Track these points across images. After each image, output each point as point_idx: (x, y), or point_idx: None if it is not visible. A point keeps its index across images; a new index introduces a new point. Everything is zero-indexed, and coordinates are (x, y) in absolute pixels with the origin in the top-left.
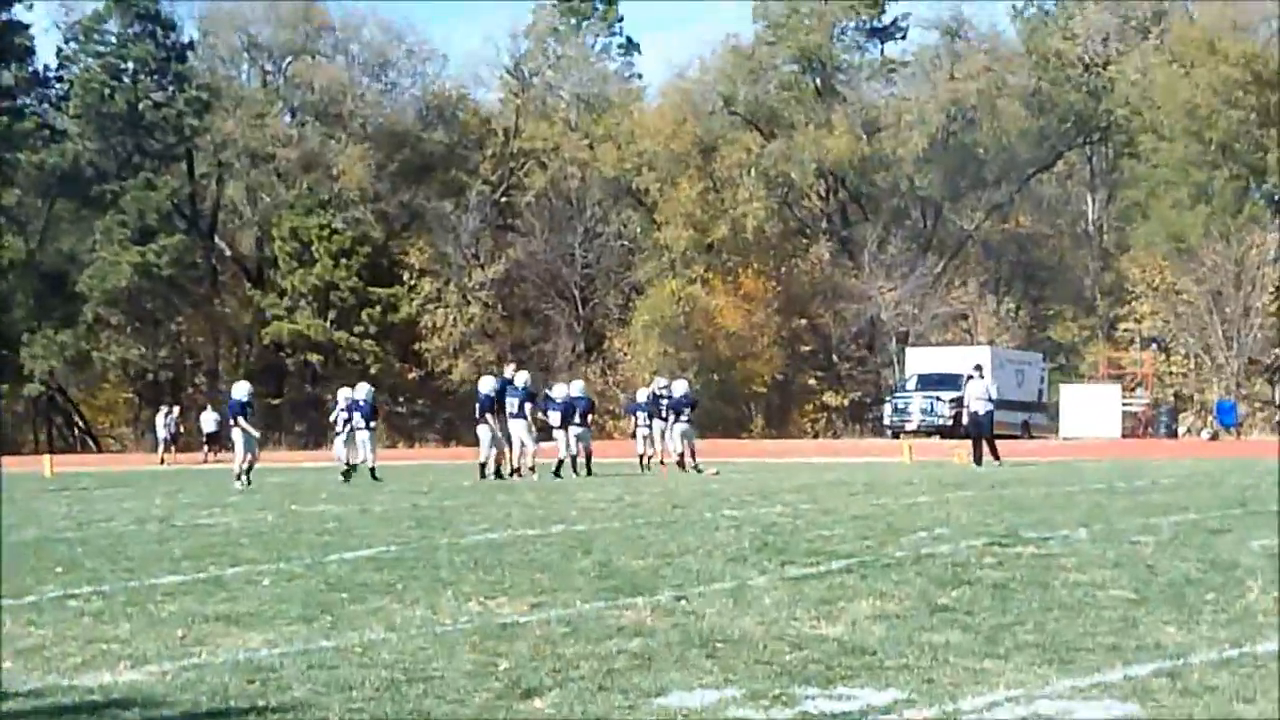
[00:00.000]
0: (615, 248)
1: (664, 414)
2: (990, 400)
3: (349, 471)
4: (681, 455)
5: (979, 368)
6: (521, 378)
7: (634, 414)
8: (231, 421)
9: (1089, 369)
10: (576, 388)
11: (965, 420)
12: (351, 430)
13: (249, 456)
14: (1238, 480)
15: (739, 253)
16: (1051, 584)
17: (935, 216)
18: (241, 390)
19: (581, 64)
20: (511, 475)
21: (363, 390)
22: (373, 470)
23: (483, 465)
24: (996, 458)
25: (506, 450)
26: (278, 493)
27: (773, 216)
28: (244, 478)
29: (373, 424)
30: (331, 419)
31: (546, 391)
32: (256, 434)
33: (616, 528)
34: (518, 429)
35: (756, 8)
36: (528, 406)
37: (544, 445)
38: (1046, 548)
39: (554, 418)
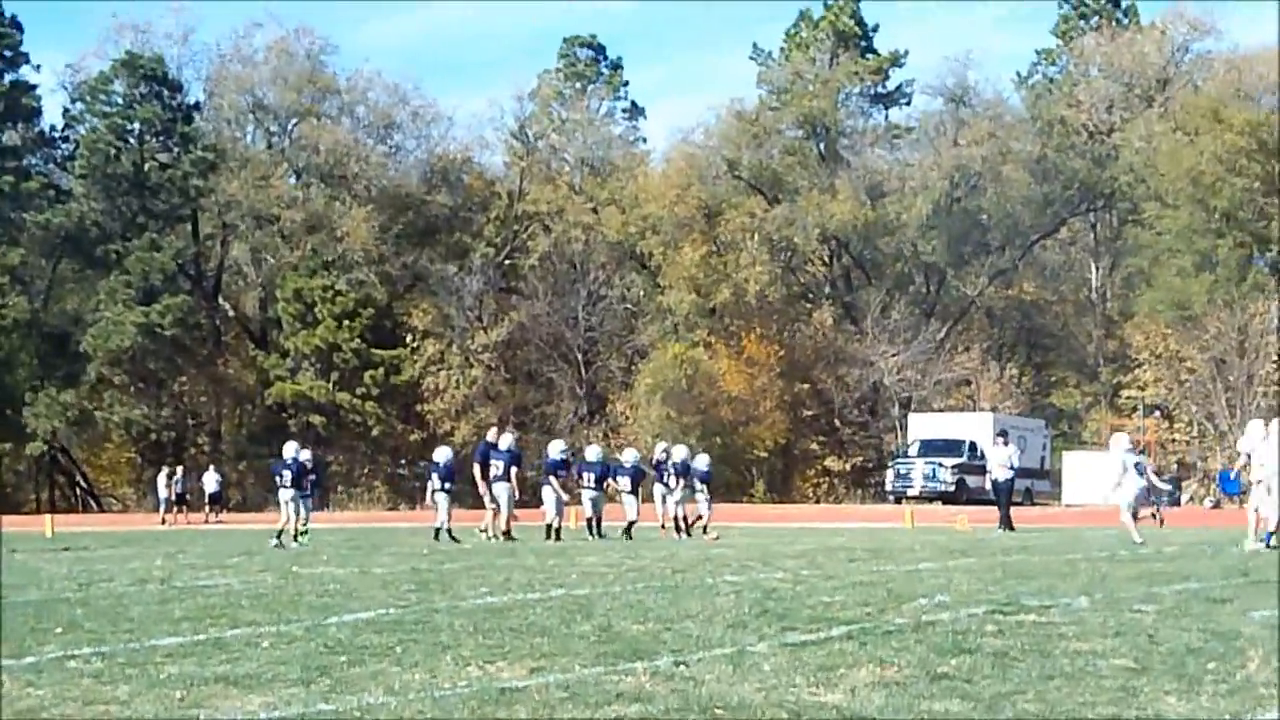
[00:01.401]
0: (618, 311)
1: (668, 479)
2: (1012, 468)
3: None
4: (690, 520)
5: (1004, 433)
6: (506, 440)
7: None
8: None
9: (1092, 436)
10: (593, 452)
11: (989, 486)
12: (432, 492)
13: (294, 518)
14: (1240, 549)
15: (742, 317)
16: (1052, 653)
17: (939, 282)
18: (302, 453)
19: (586, 128)
20: (490, 536)
21: (443, 454)
22: (450, 531)
23: (548, 527)
24: (1010, 527)
25: (491, 511)
26: (279, 554)
27: (776, 281)
28: (295, 538)
29: (449, 486)
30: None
31: (588, 457)
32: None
33: (617, 592)
34: (501, 492)
35: (761, 73)
36: (513, 470)
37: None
38: (1048, 616)
39: (623, 483)
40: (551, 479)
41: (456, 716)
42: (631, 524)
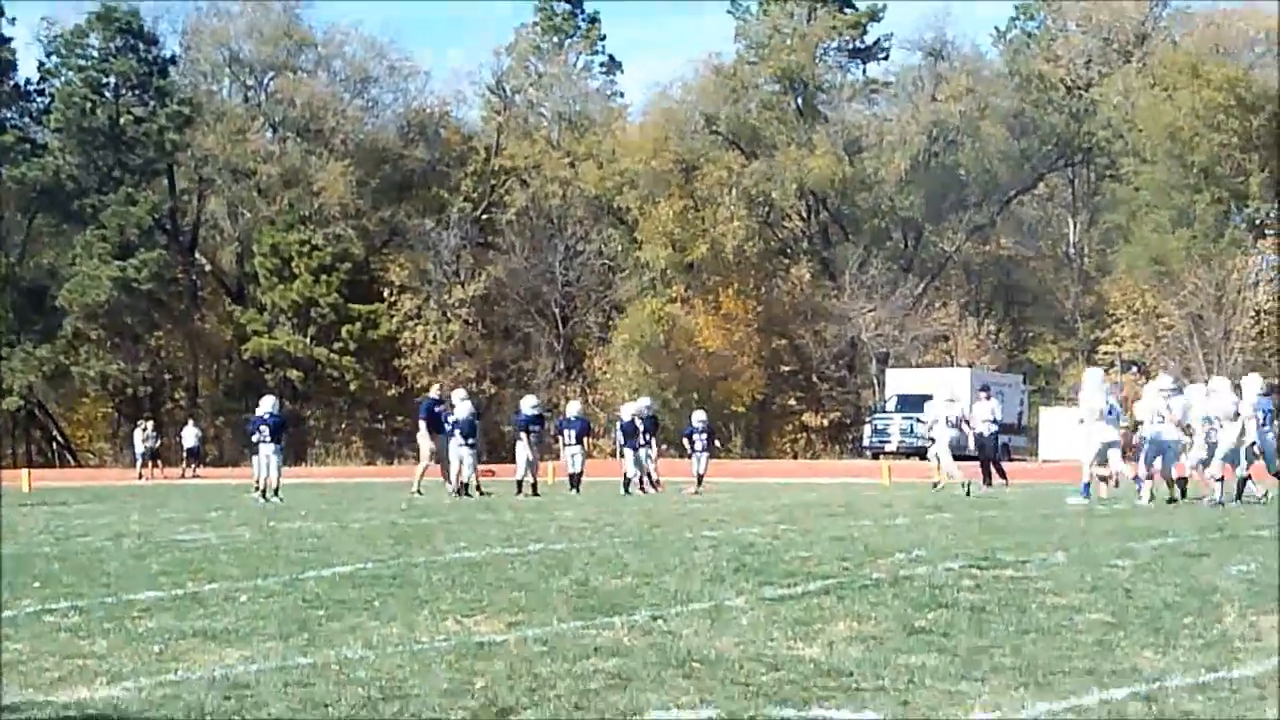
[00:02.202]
0: (596, 266)
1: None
2: (996, 422)
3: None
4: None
5: (986, 388)
6: (465, 409)
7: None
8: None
9: (1069, 392)
10: (573, 408)
11: (971, 443)
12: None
13: (273, 473)
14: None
15: (719, 272)
16: (1029, 607)
17: (916, 238)
18: (267, 405)
19: (564, 82)
20: (459, 493)
21: (463, 408)
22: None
23: (518, 483)
24: (1004, 478)
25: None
26: (257, 509)
27: (753, 236)
28: (275, 493)
29: (472, 440)
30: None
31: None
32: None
33: (594, 547)
34: (465, 452)
35: (738, 27)
36: (469, 439)
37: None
38: (1024, 571)
39: (569, 436)
40: (523, 434)
41: (434, 670)
42: (628, 480)
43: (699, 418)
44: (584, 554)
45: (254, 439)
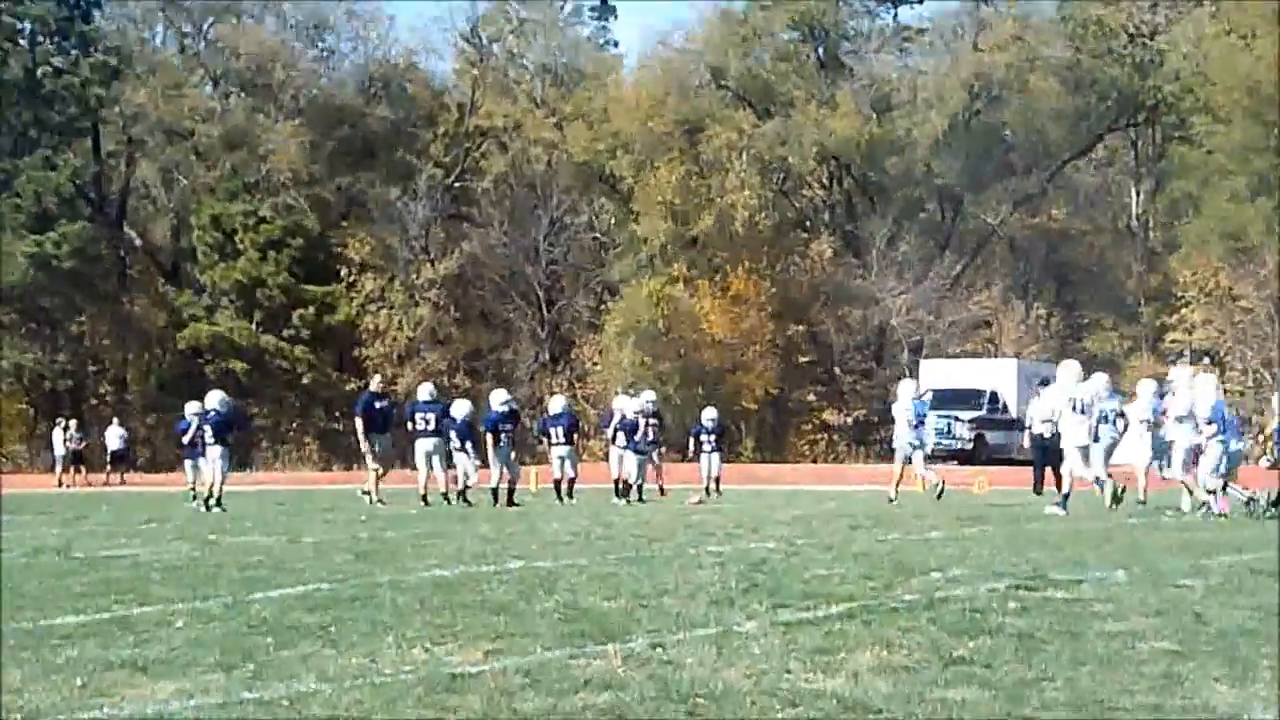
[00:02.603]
0: (585, 242)
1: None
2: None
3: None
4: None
5: (1045, 382)
6: (216, 398)
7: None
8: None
9: (1131, 386)
10: (557, 404)
11: (1027, 443)
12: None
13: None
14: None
15: (727, 249)
16: (1084, 634)
17: (955, 209)
18: (214, 400)
19: (549, 30)
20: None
21: (461, 408)
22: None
23: (494, 490)
24: (1057, 487)
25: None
26: (196, 520)
27: (767, 207)
28: (219, 502)
29: (467, 444)
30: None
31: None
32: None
33: (584, 564)
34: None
35: None
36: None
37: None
38: (1078, 592)
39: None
40: (491, 436)
41: (400, 706)
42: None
43: (709, 415)
44: (572, 572)
45: (187, 440)
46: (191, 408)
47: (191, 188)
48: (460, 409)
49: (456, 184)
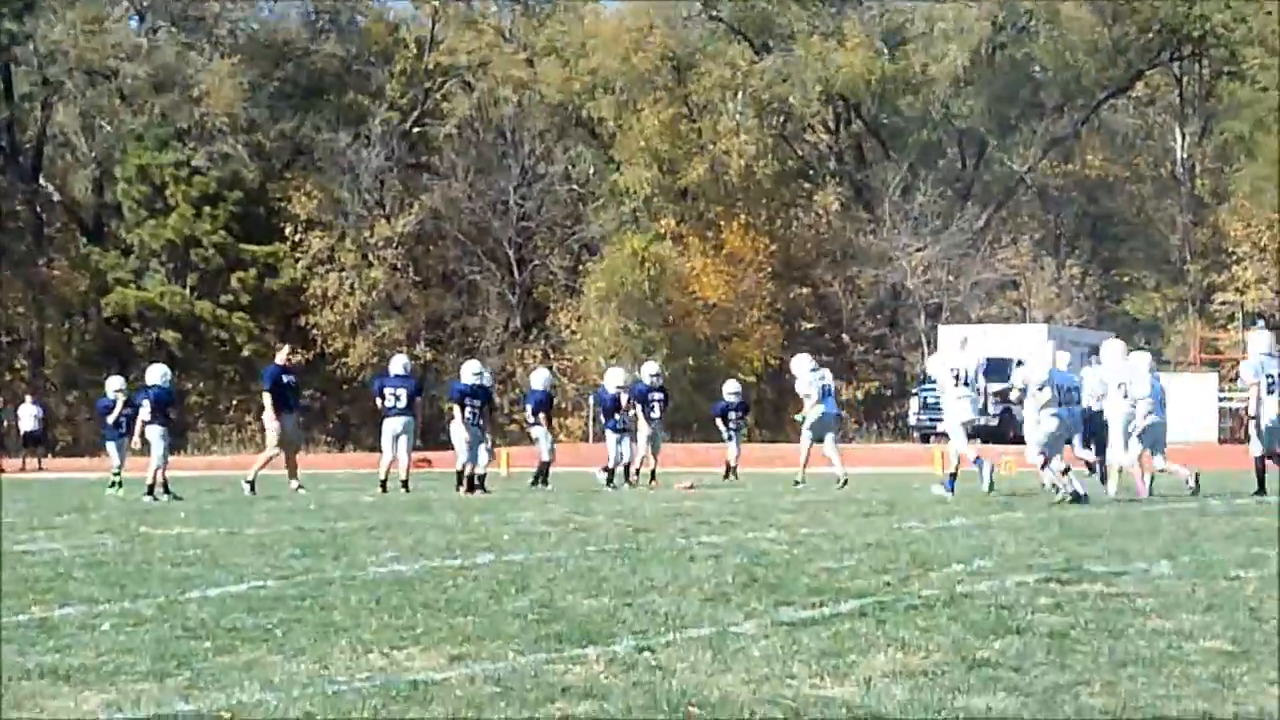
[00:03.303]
0: (561, 194)
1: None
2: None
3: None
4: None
5: (1096, 351)
6: (158, 372)
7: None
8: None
9: (1176, 353)
10: (539, 378)
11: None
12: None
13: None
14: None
15: (722, 201)
16: (1125, 632)
17: (977, 155)
18: (155, 375)
19: None
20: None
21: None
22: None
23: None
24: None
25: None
26: (122, 510)
27: (766, 154)
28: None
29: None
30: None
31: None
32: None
33: (562, 557)
34: (406, 431)
35: None
36: (418, 401)
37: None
38: (1118, 585)
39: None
40: (457, 410)
41: (355, 717)
42: (610, 470)
43: (733, 389)
44: (548, 567)
45: (112, 419)
46: (114, 384)
47: (116, 135)
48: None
49: (415, 129)
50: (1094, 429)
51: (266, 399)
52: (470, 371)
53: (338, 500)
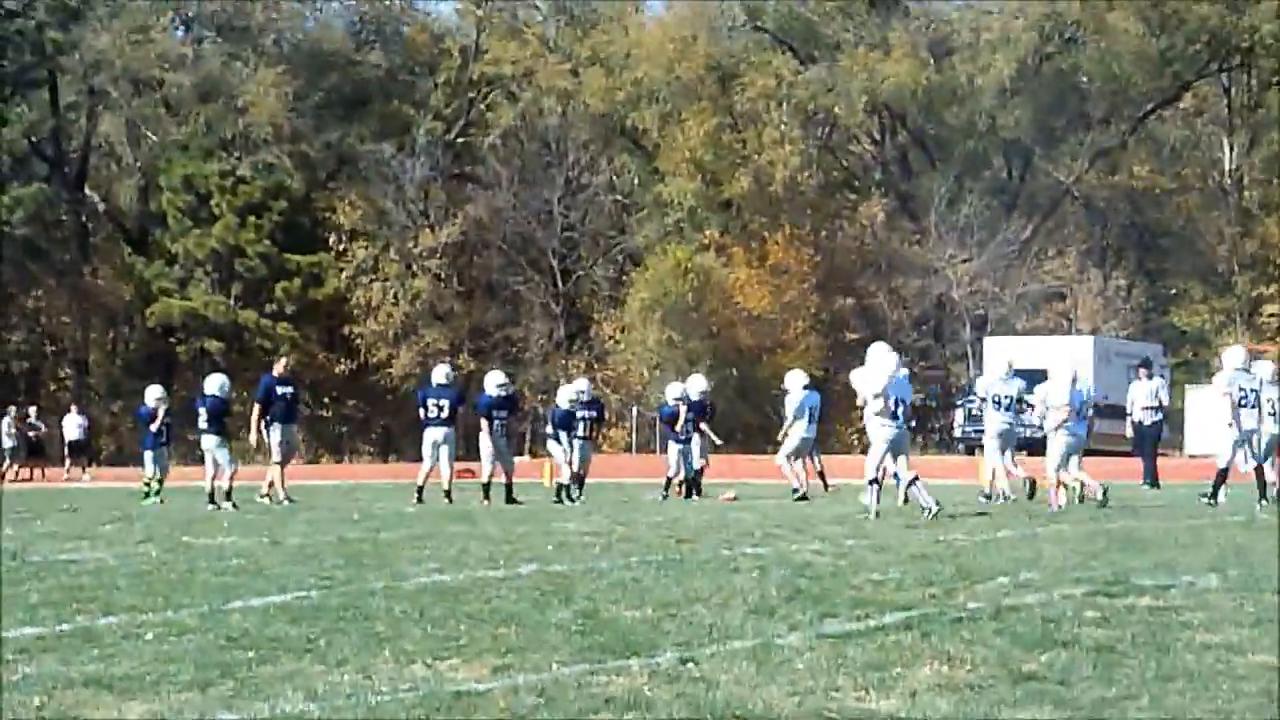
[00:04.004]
0: (605, 205)
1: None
2: (1161, 408)
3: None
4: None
5: (1148, 364)
6: (215, 382)
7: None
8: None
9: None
10: (696, 385)
11: (1129, 433)
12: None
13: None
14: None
15: (765, 212)
16: (1172, 646)
17: (1023, 165)
18: (213, 385)
19: None
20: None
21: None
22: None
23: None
24: (1155, 482)
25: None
26: (166, 520)
27: (810, 165)
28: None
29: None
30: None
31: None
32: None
33: (605, 568)
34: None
35: None
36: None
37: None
38: (1166, 599)
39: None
40: (485, 422)
41: None
42: (579, 478)
43: (700, 387)
44: (591, 578)
45: (154, 428)
46: (153, 393)
47: (161, 144)
48: (491, 384)
49: (459, 139)
50: (1142, 440)
51: (256, 408)
52: (495, 383)
53: (380, 510)
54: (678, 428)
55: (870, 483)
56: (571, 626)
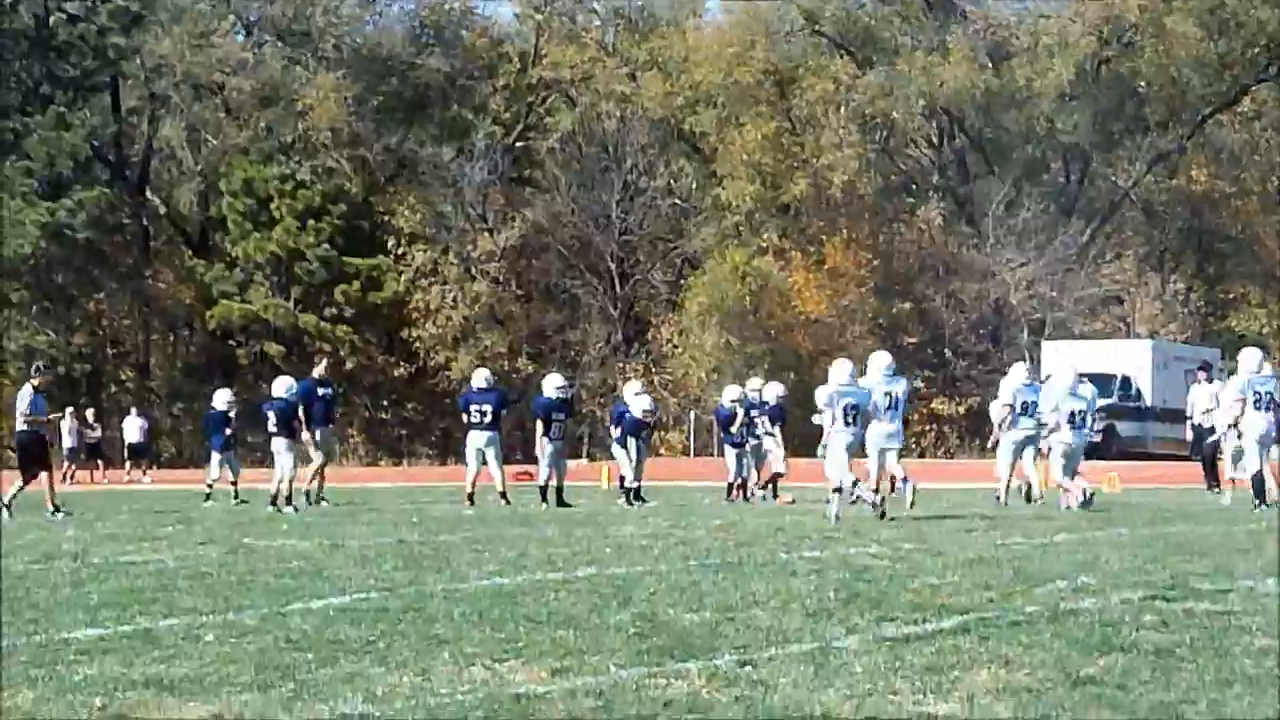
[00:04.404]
0: (663, 208)
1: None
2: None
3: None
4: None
5: (1207, 367)
6: (284, 385)
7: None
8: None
9: None
10: (772, 390)
11: (1189, 436)
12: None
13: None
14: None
15: (823, 216)
16: (1230, 650)
17: (1082, 170)
18: (281, 388)
19: None
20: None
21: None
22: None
23: (542, 488)
24: (1217, 485)
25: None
26: (226, 522)
27: (868, 169)
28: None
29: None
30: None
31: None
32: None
33: (663, 571)
34: (490, 446)
35: None
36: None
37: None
38: (1225, 603)
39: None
40: (540, 424)
41: None
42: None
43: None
44: (650, 580)
45: (229, 431)
46: (222, 396)
47: (221, 149)
48: (550, 386)
49: (518, 143)
50: (1201, 444)
51: (300, 411)
52: (554, 385)
53: (439, 513)
54: (733, 429)
55: (835, 490)
56: (630, 629)
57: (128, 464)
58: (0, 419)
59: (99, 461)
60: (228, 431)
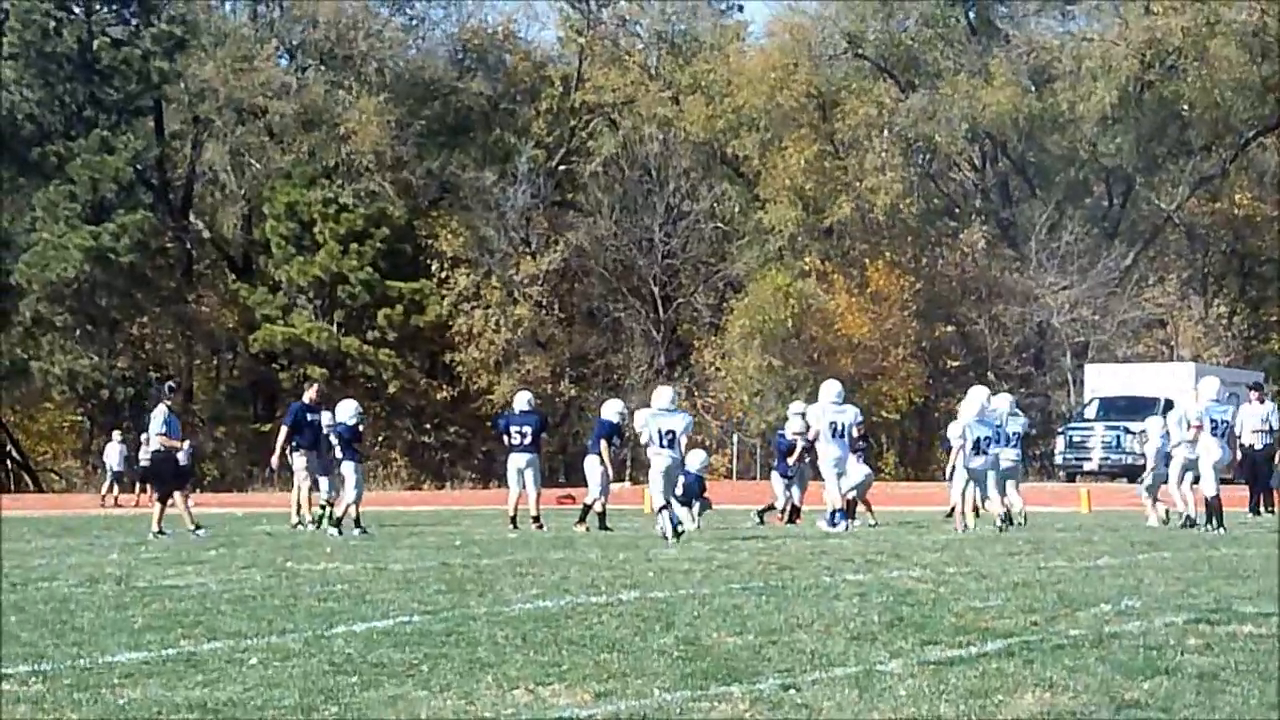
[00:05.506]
0: (705, 232)
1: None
2: (1272, 432)
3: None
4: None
5: (1258, 386)
6: (348, 409)
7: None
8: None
9: None
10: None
11: (1238, 457)
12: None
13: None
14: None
15: (866, 239)
16: (1275, 674)
17: (1124, 193)
18: (346, 411)
19: None
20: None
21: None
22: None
23: (587, 507)
24: (1270, 508)
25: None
26: (269, 545)
27: (911, 192)
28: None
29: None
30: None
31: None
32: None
33: (706, 594)
34: (531, 468)
35: None
36: (543, 438)
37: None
38: (1268, 627)
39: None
40: (601, 446)
41: None
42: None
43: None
44: (693, 604)
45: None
46: (352, 407)
47: (264, 172)
48: (610, 410)
49: (561, 167)
50: (1250, 465)
51: (283, 433)
52: (616, 410)
53: (481, 536)
54: (790, 460)
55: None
56: (673, 653)
57: (115, 490)
58: None
59: (146, 486)
60: (358, 446)
